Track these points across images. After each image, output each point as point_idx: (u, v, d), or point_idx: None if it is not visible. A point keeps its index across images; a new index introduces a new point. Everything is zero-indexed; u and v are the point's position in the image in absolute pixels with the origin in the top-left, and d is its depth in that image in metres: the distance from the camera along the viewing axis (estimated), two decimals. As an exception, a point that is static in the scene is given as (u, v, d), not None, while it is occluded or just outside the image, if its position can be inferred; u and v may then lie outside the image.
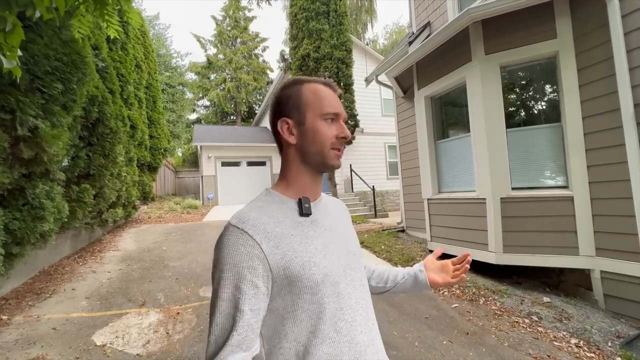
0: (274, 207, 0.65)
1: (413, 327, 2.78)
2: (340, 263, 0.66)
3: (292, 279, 0.58)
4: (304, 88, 0.69)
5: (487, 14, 3.45)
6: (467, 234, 4.00)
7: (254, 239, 0.57)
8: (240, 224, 0.59)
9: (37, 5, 1.16)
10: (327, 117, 0.67)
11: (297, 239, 0.62)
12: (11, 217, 2.29)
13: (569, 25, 3.28)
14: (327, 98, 0.69)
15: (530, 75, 3.82)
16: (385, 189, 11.44)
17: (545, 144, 3.53)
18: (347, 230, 0.76)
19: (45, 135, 1.81)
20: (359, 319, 0.64)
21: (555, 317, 2.92)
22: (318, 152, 0.67)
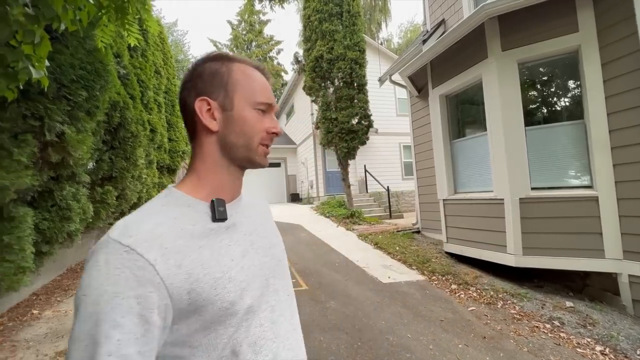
0: (177, 212, 0.51)
1: (427, 329, 2.74)
2: (263, 272, 0.57)
3: (201, 302, 0.46)
4: (235, 67, 0.57)
5: (504, 10, 3.36)
6: (485, 235, 3.89)
7: (146, 258, 0.43)
8: (124, 239, 0.44)
9: (62, 18, 1.24)
10: (259, 107, 0.57)
11: (207, 251, 0.50)
12: (41, 218, 2.43)
13: (591, 18, 3.14)
14: (262, 85, 0.59)
15: (550, 71, 3.68)
16: (400, 189, 11.30)
17: (567, 142, 3.39)
18: (272, 233, 0.67)
19: (71, 140, 1.93)
20: (282, 333, 0.56)
21: (579, 323, 2.80)
22: (244, 146, 0.56)
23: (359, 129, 7.81)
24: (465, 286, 3.65)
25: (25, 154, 1.66)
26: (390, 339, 2.59)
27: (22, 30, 1.22)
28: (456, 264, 4.31)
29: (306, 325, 2.82)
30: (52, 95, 1.79)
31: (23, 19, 1.18)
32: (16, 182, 1.61)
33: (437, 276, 3.98)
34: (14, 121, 1.61)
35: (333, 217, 8.11)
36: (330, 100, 7.97)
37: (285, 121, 16.62)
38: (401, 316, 2.98)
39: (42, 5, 1.21)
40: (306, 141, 12.71)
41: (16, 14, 1.14)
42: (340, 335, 2.65)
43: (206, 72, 0.56)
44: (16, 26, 1.19)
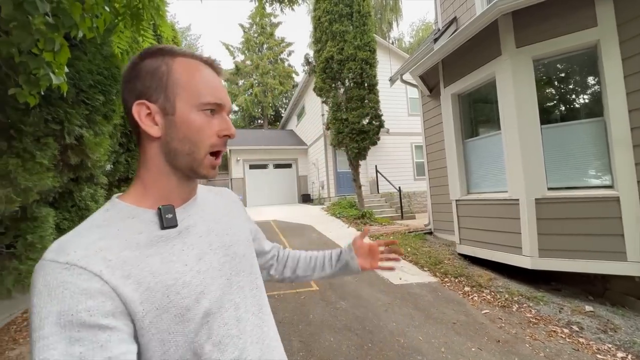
0: (120, 224, 0.48)
1: (439, 332, 2.70)
2: (223, 271, 0.55)
3: (154, 311, 0.45)
4: (177, 63, 0.51)
5: (518, 6, 3.28)
6: (499, 236, 3.80)
7: (90, 270, 0.41)
8: (61, 257, 0.41)
9: (80, 26, 1.29)
10: (205, 108, 0.52)
11: (156, 259, 0.47)
12: (62, 218, 2.54)
13: (611, 12, 3.03)
14: (208, 82, 0.53)
15: (567, 68, 3.57)
16: (412, 190, 11.17)
17: (585, 141, 3.28)
18: (234, 227, 0.63)
19: (89, 143, 2.01)
20: (249, 329, 0.55)
21: (599, 328, 2.69)
22: (189, 154, 0.51)
23: (370, 129, 7.77)
24: (479, 288, 3.57)
25: (46, 156, 1.74)
26: (401, 340, 2.56)
27: (43, 38, 1.28)
28: (469, 266, 4.23)
29: (316, 325, 2.83)
30: (71, 100, 1.87)
31: (44, 27, 1.23)
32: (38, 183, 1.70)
33: (450, 278, 3.91)
34: (36, 125, 1.70)
35: (344, 217, 8.10)
36: (341, 101, 7.96)
37: (297, 122, 16.71)
38: (412, 318, 2.95)
39: (61, 14, 1.27)
40: (317, 142, 12.74)
41: (37, 23, 1.20)
42: (350, 336, 2.65)
43: (143, 70, 0.51)
44: (38, 35, 1.25)
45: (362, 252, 0.87)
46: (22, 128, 1.62)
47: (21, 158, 1.62)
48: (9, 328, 2.49)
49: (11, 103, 1.58)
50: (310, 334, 2.68)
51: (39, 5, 1.07)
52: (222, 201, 0.67)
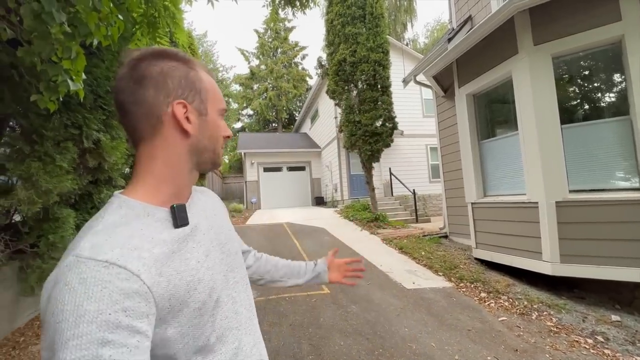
0: (140, 223, 0.48)
1: (453, 339, 2.62)
2: (222, 268, 0.59)
3: (178, 306, 0.47)
4: (200, 71, 0.58)
5: (534, 2, 3.17)
6: (517, 241, 3.66)
7: (129, 269, 0.42)
8: (100, 255, 0.41)
9: (95, 34, 1.34)
10: (222, 112, 0.61)
11: (177, 257, 0.50)
12: (82, 219, 2.64)
13: (636, 4, 2.88)
14: (219, 90, 0.62)
15: (588, 65, 3.41)
16: (427, 192, 10.96)
17: (610, 141, 3.12)
18: (224, 226, 0.67)
19: (106, 146, 2.09)
20: (244, 322, 0.60)
21: (627, 339, 2.54)
22: (212, 150, 0.59)
23: (383, 131, 7.69)
24: (496, 295, 3.45)
25: (66, 160, 1.82)
26: (413, 347, 2.50)
27: (61, 47, 1.34)
28: (486, 271, 4.09)
29: (327, 329, 2.81)
30: (89, 105, 1.96)
31: (62, 37, 1.29)
32: (58, 185, 1.78)
33: (465, 283, 3.80)
34: (56, 130, 1.78)
35: (357, 220, 8.03)
36: (354, 103, 7.93)
37: (310, 125, 16.78)
38: (425, 324, 2.88)
39: (78, 23, 1.33)
40: (330, 145, 12.74)
41: (55, 32, 1.25)
42: (361, 340, 2.61)
43: (172, 73, 0.53)
44: (56, 44, 1.31)
45: (333, 267, 1.00)
46: (44, 133, 1.71)
47: (42, 161, 1.71)
48: (32, 324, 2.60)
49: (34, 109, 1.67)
50: (320, 338, 2.66)
51: (55, 15, 1.12)
52: (210, 200, 0.69)
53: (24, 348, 2.29)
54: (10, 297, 2.37)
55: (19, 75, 1.60)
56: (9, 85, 1.56)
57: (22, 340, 2.37)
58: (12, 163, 1.66)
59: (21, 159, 1.66)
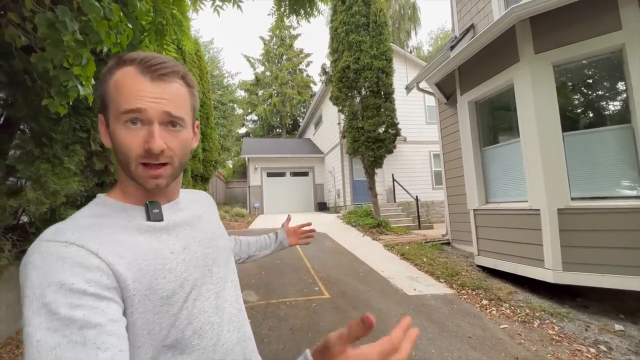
0: (114, 215, 0.51)
1: (454, 346, 2.60)
2: (206, 262, 0.59)
3: (144, 291, 0.47)
4: (114, 76, 0.50)
5: (535, 11, 3.22)
6: (519, 248, 3.65)
7: (87, 248, 0.44)
8: (59, 237, 0.44)
9: (105, 42, 1.40)
10: (126, 118, 0.48)
11: (145, 245, 0.51)
12: (87, 220, 2.69)
13: (636, 14, 2.91)
14: (131, 91, 0.48)
15: (589, 73, 3.43)
16: (430, 199, 10.93)
17: (611, 148, 3.12)
18: (213, 224, 0.68)
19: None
20: (227, 317, 0.59)
21: (630, 349, 2.50)
22: (125, 165, 0.51)
23: (386, 137, 7.73)
24: (498, 302, 3.42)
25: (74, 162, 1.88)
26: (413, 353, 2.49)
27: (72, 53, 1.40)
28: (488, 278, 4.07)
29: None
30: (97, 110, 2.02)
31: (74, 44, 1.35)
32: (66, 187, 1.83)
33: (467, 290, 3.77)
34: (65, 133, 1.84)
35: (359, 226, 8.03)
36: (357, 110, 8.00)
37: (314, 131, 16.88)
38: (426, 330, 2.86)
39: (89, 31, 1.39)
40: (333, 150, 12.80)
41: (67, 40, 1.31)
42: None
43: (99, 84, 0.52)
44: (68, 50, 1.37)
45: (290, 233, 1.14)
46: (53, 136, 1.77)
47: (51, 163, 1.76)
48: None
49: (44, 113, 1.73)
50: (319, 342, 2.66)
51: (68, 24, 1.18)
52: (201, 202, 0.71)
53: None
54: (15, 297, 2.41)
55: (32, 80, 1.66)
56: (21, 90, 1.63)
57: (26, 340, 2.41)
58: (22, 164, 1.72)
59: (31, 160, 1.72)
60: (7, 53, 1.64)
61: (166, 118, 0.51)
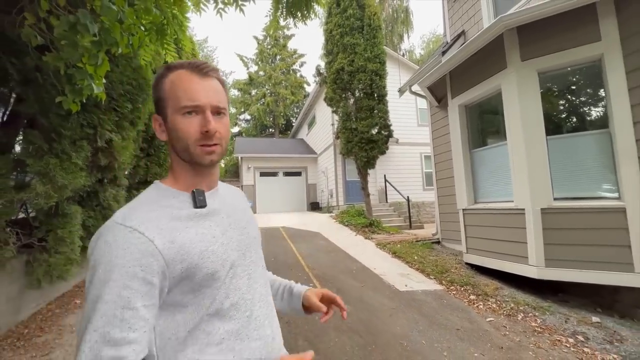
0: (166, 201, 0.62)
1: (443, 337, 2.74)
2: (240, 247, 0.69)
3: (191, 270, 0.57)
4: (166, 80, 0.63)
5: (522, 21, 3.40)
6: (505, 246, 3.82)
7: (146, 235, 0.54)
8: (127, 222, 0.55)
9: (120, 44, 1.48)
10: (185, 111, 0.61)
11: (193, 230, 0.60)
12: (87, 216, 2.73)
13: (614, 26, 3.11)
14: (187, 88, 0.61)
15: (572, 81, 3.63)
16: (421, 200, 11.15)
17: (591, 152, 3.32)
18: (246, 215, 0.77)
19: (117, 146, 2.21)
20: (257, 296, 0.69)
21: (605, 339, 2.69)
22: (184, 150, 0.62)
23: (379, 138, 7.89)
24: (485, 297, 3.58)
25: (80, 157, 1.93)
26: (404, 344, 2.62)
27: (87, 54, 1.47)
28: (476, 275, 4.24)
29: (322, 326, 2.91)
30: (104, 107, 2.08)
31: (89, 45, 1.43)
32: (73, 181, 1.88)
33: (456, 286, 3.93)
34: (73, 130, 1.90)
35: (352, 225, 8.16)
36: (351, 111, 8.13)
37: (307, 131, 16.97)
38: (416, 323, 3.00)
39: (104, 33, 1.46)
40: (327, 151, 12.91)
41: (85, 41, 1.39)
42: (354, 337, 2.72)
43: (154, 93, 0.65)
44: (83, 51, 1.45)
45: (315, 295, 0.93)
46: (62, 132, 1.82)
47: (59, 158, 1.81)
48: (35, 317, 2.66)
49: (54, 110, 1.78)
50: (315, 335, 2.77)
51: (89, 27, 1.25)
52: (238, 195, 0.83)
53: (29, 339, 2.36)
54: (15, 290, 2.44)
55: (43, 78, 1.72)
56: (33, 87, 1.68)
57: (27, 333, 2.44)
58: (32, 159, 1.76)
59: (40, 155, 1.77)
60: (19, 51, 1.69)
61: (215, 108, 0.63)
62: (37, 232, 2.21)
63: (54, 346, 2.33)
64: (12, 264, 2.23)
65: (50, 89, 1.74)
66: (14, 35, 1.66)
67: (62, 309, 2.87)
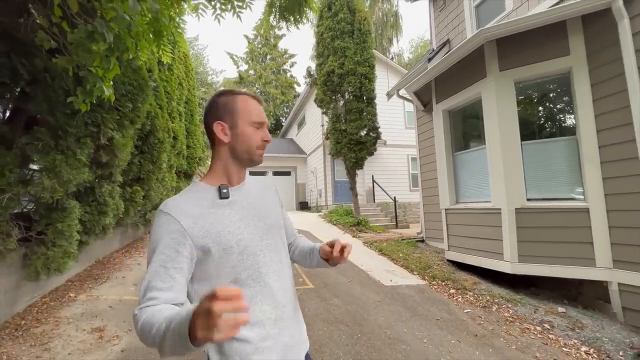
0: (196, 194, 0.82)
1: (424, 326, 2.95)
2: (257, 230, 0.85)
3: (210, 246, 0.76)
4: (238, 99, 0.86)
5: (501, 34, 3.66)
6: (483, 243, 4.08)
7: (175, 218, 0.75)
8: (165, 209, 0.76)
9: (130, 50, 1.60)
10: (254, 125, 0.85)
11: (213, 216, 0.79)
12: (83, 211, 2.80)
13: (581, 43, 3.40)
14: (255, 110, 0.86)
15: (544, 90, 3.93)
16: (407, 200, 11.46)
17: (560, 156, 3.61)
18: (268, 206, 0.94)
19: (118, 144, 2.30)
20: (272, 270, 0.85)
21: (568, 326, 2.96)
22: (246, 151, 0.85)
23: (367, 140, 8.11)
24: (463, 291, 3.83)
25: (84, 154, 2.02)
26: (388, 332, 2.82)
27: (99, 58, 1.59)
28: (456, 271, 4.49)
29: (311, 317, 3.08)
30: (107, 106, 2.17)
31: (102, 51, 1.55)
32: (77, 177, 1.97)
33: (437, 281, 4.17)
34: (78, 128, 1.99)
35: (340, 224, 8.35)
36: (340, 113, 8.33)
37: (297, 131, 17.08)
38: (400, 314, 3.20)
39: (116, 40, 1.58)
40: (316, 151, 13.07)
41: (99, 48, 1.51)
42: (342, 327, 2.89)
43: (220, 104, 0.86)
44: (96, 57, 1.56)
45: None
46: (68, 129, 1.91)
47: (65, 155, 1.90)
48: (30, 310, 2.71)
49: (60, 109, 1.88)
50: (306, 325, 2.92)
51: (106, 36, 1.38)
52: (265, 187, 1.00)
53: (26, 330, 2.42)
54: (13, 283, 2.50)
55: (51, 78, 1.82)
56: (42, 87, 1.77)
57: (23, 324, 2.50)
58: (38, 155, 1.85)
59: (47, 151, 1.86)
60: (29, 53, 1.79)
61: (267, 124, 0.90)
62: (36, 225, 2.28)
63: (52, 336, 2.40)
64: (11, 256, 2.29)
65: (57, 88, 1.83)
66: (24, 37, 1.76)
67: (57, 302, 2.93)
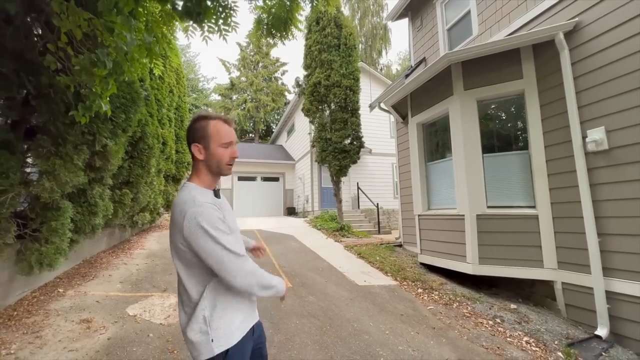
0: (206, 193, 1.08)
1: (388, 320, 3.25)
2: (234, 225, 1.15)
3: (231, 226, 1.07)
4: (210, 124, 1.07)
5: (463, 57, 4.08)
6: (450, 247, 4.44)
7: (217, 207, 1.03)
8: (209, 201, 1.03)
9: (127, 73, 1.89)
10: (223, 145, 1.07)
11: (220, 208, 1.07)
12: (75, 211, 3.03)
13: (532, 68, 3.84)
14: (225, 132, 1.08)
15: (502, 109, 4.36)
16: (391, 207, 11.85)
17: (516, 168, 4.02)
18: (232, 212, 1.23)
19: (111, 150, 2.55)
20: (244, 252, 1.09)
21: (516, 321, 3.31)
22: (217, 166, 1.09)
23: (351, 148, 8.48)
24: (430, 290, 4.16)
25: (80, 159, 2.26)
26: (355, 325, 3.10)
27: (98, 79, 1.87)
28: (427, 273, 4.83)
29: (286, 312, 3.34)
30: (102, 117, 2.43)
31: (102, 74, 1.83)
32: (73, 179, 2.21)
33: (408, 282, 4.49)
34: (76, 136, 2.24)
35: (324, 229, 8.64)
36: (326, 122, 8.69)
37: (286, 138, 17.40)
38: (368, 310, 3.50)
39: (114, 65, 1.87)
40: (304, 158, 13.39)
41: (100, 72, 1.79)
42: (313, 321, 3.17)
43: (197, 128, 1.09)
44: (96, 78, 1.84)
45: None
46: (67, 137, 2.16)
47: (63, 160, 2.15)
48: (21, 303, 2.90)
49: (61, 119, 2.13)
50: (280, 318, 3.19)
51: (107, 64, 1.66)
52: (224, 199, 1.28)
53: (18, 320, 2.61)
54: (6, 277, 2.69)
55: (54, 93, 2.08)
56: (46, 101, 2.03)
57: (15, 314, 2.68)
58: (39, 160, 2.09)
59: (47, 157, 2.10)
60: (36, 71, 2.06)
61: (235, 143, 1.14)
62: (32, 223, 2.50)
63: (43, 326, 2.60)
64: (8, 252, 2.50)
65: (59, 102, 2.09)
66: (33, 58, 2.03)
67: (47, 296, 3.12)
